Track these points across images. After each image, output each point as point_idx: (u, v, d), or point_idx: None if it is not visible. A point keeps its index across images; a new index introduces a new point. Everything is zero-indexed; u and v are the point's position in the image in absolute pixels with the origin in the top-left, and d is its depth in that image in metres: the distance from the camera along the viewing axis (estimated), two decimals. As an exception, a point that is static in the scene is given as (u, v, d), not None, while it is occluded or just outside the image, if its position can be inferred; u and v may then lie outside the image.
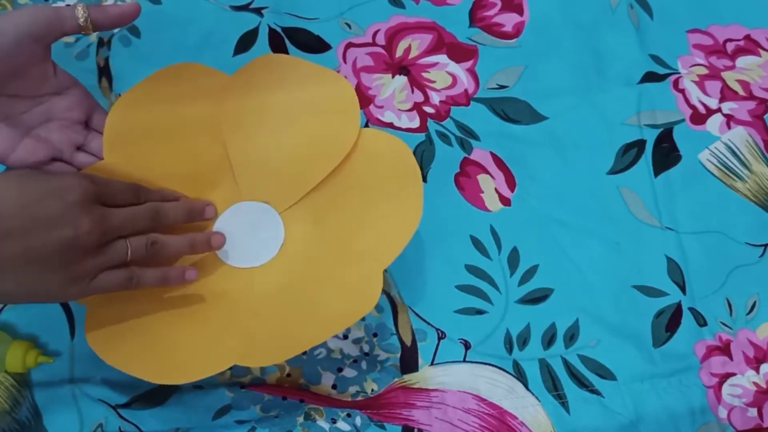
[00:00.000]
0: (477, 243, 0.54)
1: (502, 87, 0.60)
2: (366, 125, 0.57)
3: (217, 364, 0.44)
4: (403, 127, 0.58)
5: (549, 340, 0.52)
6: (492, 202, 0.56)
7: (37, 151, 0.48)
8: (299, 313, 0.48)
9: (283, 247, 0.51)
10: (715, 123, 0.59)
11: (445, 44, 0.61)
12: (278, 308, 0.48)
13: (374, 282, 0.47)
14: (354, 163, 0.52)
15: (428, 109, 0.58)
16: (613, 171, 0.57)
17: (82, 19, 0.46)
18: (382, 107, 0.58)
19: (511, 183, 0.57)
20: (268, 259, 0.51)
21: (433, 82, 0.59)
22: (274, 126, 0.53)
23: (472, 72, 0.60)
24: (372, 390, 0.50)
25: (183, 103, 0.52)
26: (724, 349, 0.52)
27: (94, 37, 0.59)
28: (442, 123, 0.58)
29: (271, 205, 0.53)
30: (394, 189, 0.50)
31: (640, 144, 0.58)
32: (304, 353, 0.51)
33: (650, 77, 0.61)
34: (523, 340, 0.52)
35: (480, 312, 0.52)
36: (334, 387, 0.50)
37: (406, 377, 0.50)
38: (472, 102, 0.59)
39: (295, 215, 0.52)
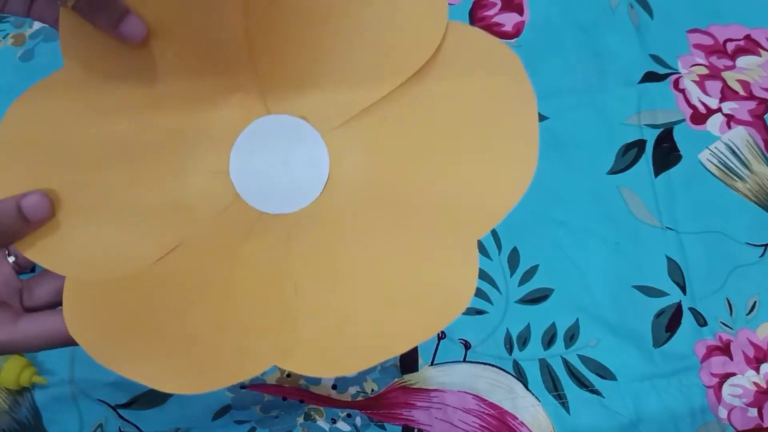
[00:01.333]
0: (477, 243, 0.54)
1: (502, 87, 0.60)
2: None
3: (252, 365, 0.32)
4: (403, 127, 0.58)
5: (549, 340, 0.52)
6: (492, 202, 0.56)
7: (54, 4, 0.36)
8: (363, 291, 0.34)
9: (329, 185, 0.37)
10: (715, 123, 0.59)
11: (445, 44, 0.61)
12: (327, 284, 0.35)
13: (468, 262, 0.33)
14: (435, 73, 0.36)
15: (428, 109, 0.58)
16: (613, 171, 0.57)
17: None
18: (382, 107, 0.58)
19: (511, 183, 0.56)
20: (308, 203, 0.37)
21: (433, 82, 0.59)
22: (323, 11, 0.37)
23: (472, 72, 0.60)
24: (372, 390, 0.50)
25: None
26: (725, 349, 0.52)
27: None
28: (442, 123, 0.58)
29: (310, 122, 0.37)
30: (495, 118, 0.35)
31: (640, 144, 0.58)
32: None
33: (650, 77, 0.61)
34: (523, 340, 0.52)
35: (480, 312, 0.52)
36: (334, 387, 0.50)
37: (406, 377, 0.50)
38: (472, 102, 0.59)
39: (345, 140, 0.37)
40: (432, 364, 0.51)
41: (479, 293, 0.53)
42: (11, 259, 0.36)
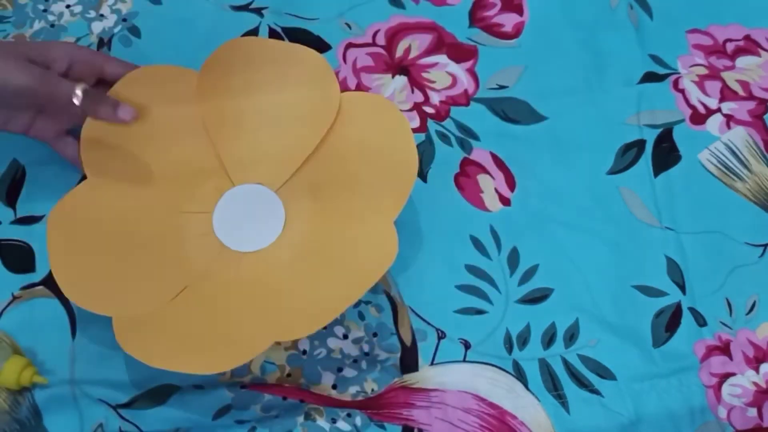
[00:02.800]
0: (477, 243, 0.54)
1: (502, 87, 0.60)
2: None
3: (259, 344, 0.45)
4: (403, 127, 0.58)
5: (549, 339, 0.52)
6: (492, 202, 0.56)
7: (52, 126, 0.51)
8: (323, 279, 0.49)
9: (288, 223, 0.52)
10: (714, 123, 0.59)
11: (445, 44, 0.61)
12: (301, 281, 0.49)
13: (388, 236, 0.47)
14: (339, 129, 0.53)
15: (428, 110, 0.58)
16: (613, 171, 0.57)
17: (77, 101, 0.48)
18: (382, 107, 0.58)
19: (511, 183, 0.57)
20: (276, 238, 0.52)
21: (433, 82, 0.59)
22: (254, 108, 0.54)
23: (472, 72, 0.60)
24: (372, 390, 0.50)
25: (158, 104, 0.53)
26: (724, 349, 0.52)
27: (94, 38, 0.59)
28: (442, 123, 0.58)
29: (265, 185, 0.53)
30: (384, 144, 0.51)
31: (640, 144, 0.58)
32: (305, 353, 0.51)
33: (650, 77, 0.61)
34: (523, 340, 0.52)
35: (480, 312, 0.52)
36: (334, 387, 0.50)
37: (406, 377, 0.50)
38: (472, 102, 0.59)
39: (292, 191, 0.53)
40: (432, 363, 0.51)
41: (479, 293, 0.53)
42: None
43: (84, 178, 0.52)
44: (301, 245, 0.51)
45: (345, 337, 0.51)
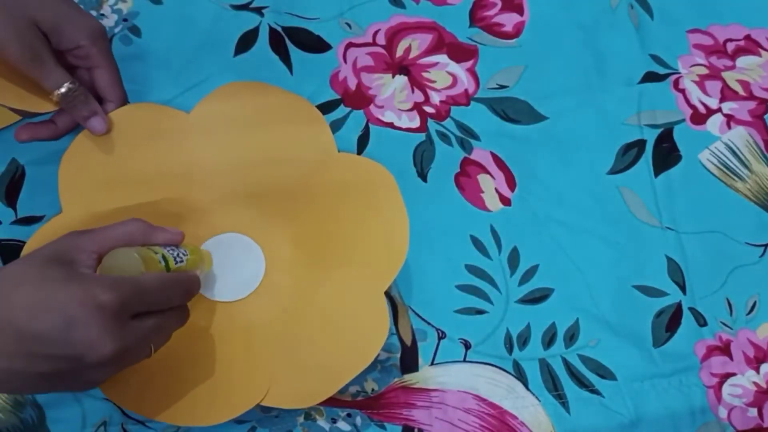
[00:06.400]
0: (477, 243, 0.54)
1: (502, 87, 0.60)
2: (366, 126, 0.58)
3: (241, 404, 0.46)
4: (404, 127, 0.58)
5: (549, 339, 0.52)
6: (492, 202, 0.56)
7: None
8: (309, 346, 0.48)
9: (267, 274, 0.51)
10: (715, 123, 0.59)
11: (445, 44, 0.61)
12: (285, 343, 0.48)
13: (378, 310, 0.47)
14: (329, 187, 0.52)
15: (428, 109, 0.58)
16: (613, 171, 0.57)
17: (56, 98, 0.47)
18: (382, 107, 0.58)
19: (511, 183, 0.57)
20: (255, 288, 0.50)
21: (434, 82, 0.59)
22: (240, 160, 0.53)
23: (472, 72, 0.60)
24: (372, 390, 0.50)
25: (141, 146, 0.51)
26: (725, 349, 0.52)
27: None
28: (443, 123, 0.58)
29: (244, 232, 0.52)
30: (375, 206, 0.50)
31: (640, 144, 0.58)
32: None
33: (650, 77, 0.61)
34: (524, 340, 0.52)
35: (480, 312, 0.52)
36: (334, 387, 0.50)
37: (407, 377, 0.50)
38: (472, 102, 0.59)
39: (274, 241, 0.52)
40: (432, 363, 0.51)
41: (479, 293, 0.53)
42: None
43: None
44: (282, 299, 0.50)
45: (345, 337, 0.51)
